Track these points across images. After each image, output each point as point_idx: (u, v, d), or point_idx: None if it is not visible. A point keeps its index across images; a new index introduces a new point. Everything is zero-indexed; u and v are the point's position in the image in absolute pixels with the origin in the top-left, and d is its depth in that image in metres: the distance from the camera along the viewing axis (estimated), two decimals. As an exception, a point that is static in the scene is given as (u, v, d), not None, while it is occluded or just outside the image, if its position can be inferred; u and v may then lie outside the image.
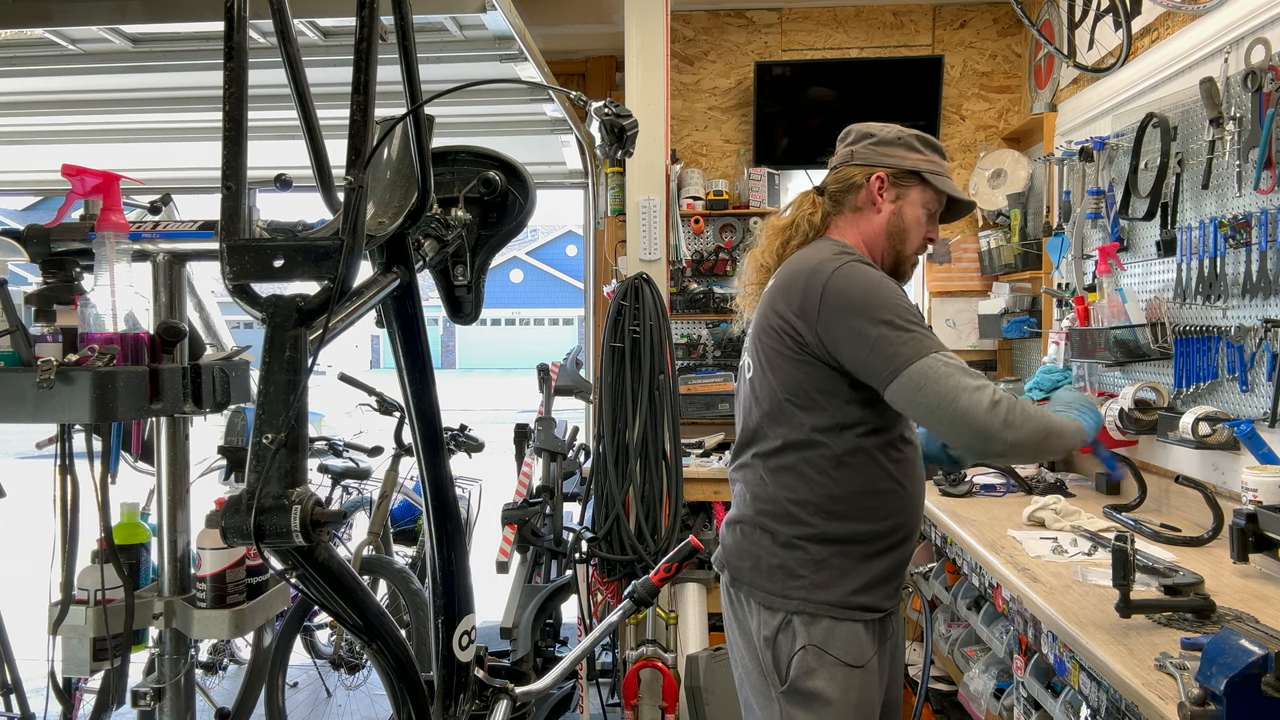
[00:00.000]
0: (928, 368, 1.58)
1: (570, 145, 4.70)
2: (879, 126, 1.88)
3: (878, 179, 1.84)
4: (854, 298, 1.66)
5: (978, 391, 1.56)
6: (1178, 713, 1.34)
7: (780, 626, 1.74)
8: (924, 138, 1.87)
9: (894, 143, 1.85)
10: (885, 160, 1.84)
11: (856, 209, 1.86)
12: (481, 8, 2.79)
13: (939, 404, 1.57)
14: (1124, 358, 2.89)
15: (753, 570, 1.79)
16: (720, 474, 3.90)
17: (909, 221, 1.84)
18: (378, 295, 1.28)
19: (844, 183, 1.87)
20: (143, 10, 2.96)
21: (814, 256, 1.77)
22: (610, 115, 1.66)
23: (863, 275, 1.69)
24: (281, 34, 1.17)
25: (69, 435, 1.51)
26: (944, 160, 1.88)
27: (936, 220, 1.90)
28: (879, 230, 1.85)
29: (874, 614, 1.77)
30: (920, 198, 1.84)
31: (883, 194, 1.84)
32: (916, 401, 1.60)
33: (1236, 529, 2.11)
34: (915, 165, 1.83)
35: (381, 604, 1.28)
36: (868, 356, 1.63)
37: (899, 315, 1.63)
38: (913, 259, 1.89)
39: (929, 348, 1.60)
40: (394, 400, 3.60)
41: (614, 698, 3.48)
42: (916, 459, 1.85)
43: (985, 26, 4.46)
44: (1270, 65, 2.31)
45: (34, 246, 1.56)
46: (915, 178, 1.84)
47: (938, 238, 1.94)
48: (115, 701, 1.74)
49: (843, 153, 1.91)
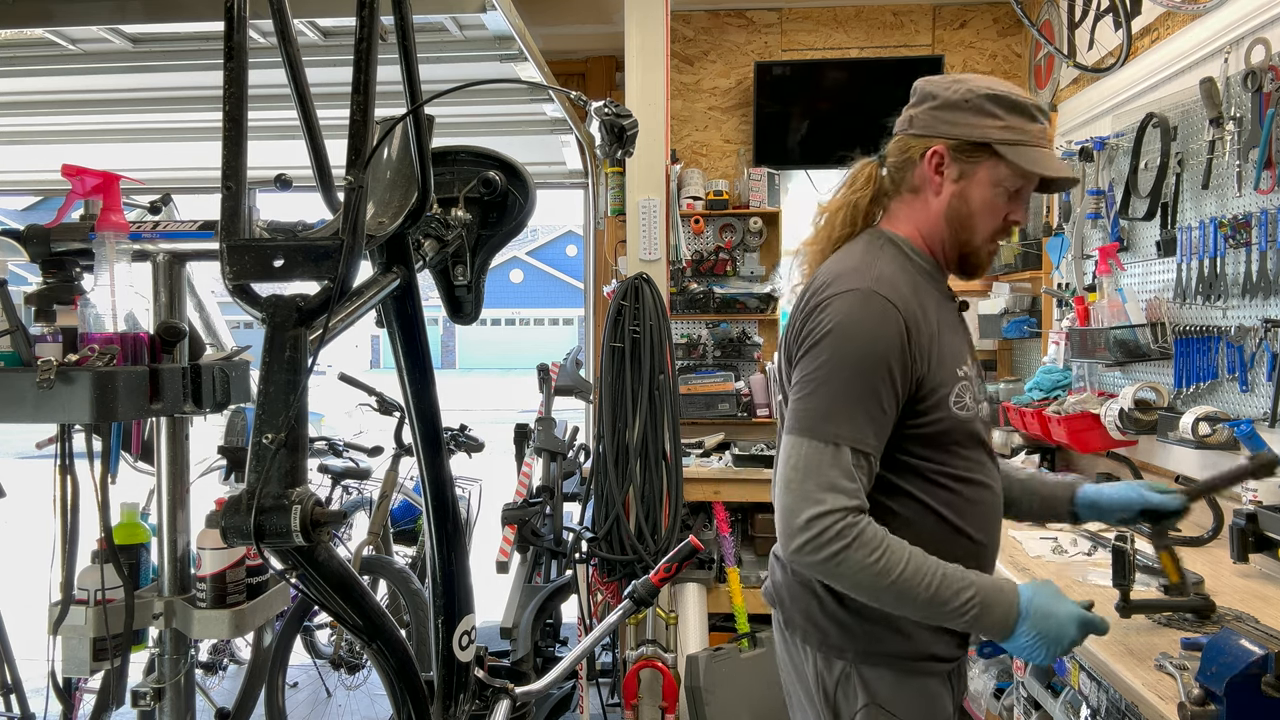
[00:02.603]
0: (800, 448, 1.36)
1: (570, 145, 4.70)
2: (946, 83, 1.51)
3: (935, 154, 1.49)
4: (819, 335, 1.40)
5: (809, 504, 1.33)
6: (1178, 713, 1.34)
7: (839, 679, 1.48)
8: (1002, 96, 1.47)
9: (960, 106, 1.47)
10: (947, 129, 1.49)
11: (914, 189, 1.54)
12: (481, 8, 2.79)
13: (777, 482, 1.40)
14: (1124, 358, 2.89)
15: (805, 616, 1.53)
16: (720, 474, 3.91)
17: (976, 205, 1.49)
18: (378, 295, 1.28)
19: (901, 155, 1.55)
20: (143, 10, 2.96)
21: (834, 268, 1.49)
22: (610, 115, 1.67)
23: (851, 313, 1.40)
24: (281, 34, 1.17)
25: (69, 435, 1.51)
26: (1032, 123, 1.48)
27: (1024, 199, 1.53)
28: (938, 216, 1.52)
29: (946, 664, 1.50)
30: (991, 175, 1.48)
31: (941, 172, 1.50)
32: (776, 467, 1.42)
33: (1236, 529, 2.11)
34: (985, 135, 1.46)
35: (381, 604, 1.28)
36: (792, 399, 1.42)
37: (847, 378, 1.37)
38: (986, 248, 1.55)
39: (824, 434, 1.35)
40: (394, 400, 3.60)
41: (614, 698, 3.48)
42: (989, 501, 1.52)
43: (985, 26, 4.46)
44: (1270, 65, 2.31)
45: (34, 246, 1.56)
46: (985, 150, 1.47)
47: (1025, 220, 1.58)
48: (115, 701, 1.74)
49: (902, 117, 1.57)
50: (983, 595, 1.34)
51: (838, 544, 1.31)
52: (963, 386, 1.47)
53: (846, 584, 1.37)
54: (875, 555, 1.32)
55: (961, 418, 1.46)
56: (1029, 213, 1.53)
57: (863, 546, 1.32)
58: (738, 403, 4.30)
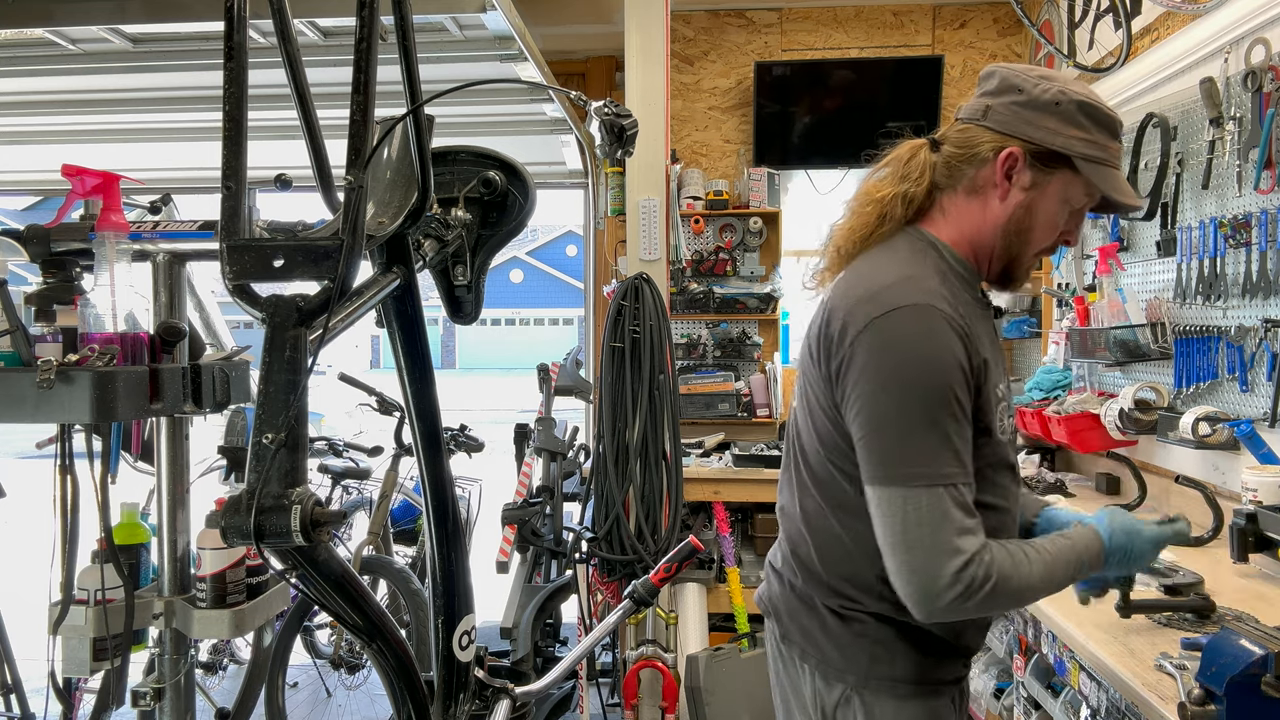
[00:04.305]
0: (912, 500, 1.24)
1: (570, 145, 4.70)
2: (1035, 78, 1.36)
3: (1009, 156, 1.35)
4: (888, 366, 1.28)
5: (949, 556, 1.22)
6: (1178, 713, 1.34)
7: (839, 702, 1.41)
8: (1093, 106, 1.35)
9: (1048, 108, 1.34)
10: (1029, 131, 1.34)
11: (974, 190, 1.39)
12: (481, 8, 2.79)
13: (897, 543, 1.26)
14: (1124, 358, 2.89)
15: (803, 634, 1.47)
16: (720, 474, 3.91)
17: (1040, 218, 1.38)
18: (378, 295, 1.28)
19: (966, 148, 1.39)
20: (143, 10, 2.96)
21: (879, 275, 1.36)
22: (610, 115, 1.67)
23: (909, 335, 1.28)
24: (281, 34, 1.17)
25: (69, 435, 1.51)
26: (1115, 142, 1.37)
27: (1082, 217, 1.43)
28: (995, 224, 1.39)
29: (951, 685, 1.43)
30: (1063, 190, 1.37)
31: (1013, 177, 1.36)
32: (881, 524, 1.28)
33: (1236, 529, 2.11)
34: (1067, 146, 1.34)
35: (381, 604, 1.28)
36: (862, 438, 1.31)
37: (925, 407, 1.25)
38: (1031, 261, 1.44)
39: (930, 476, 1.24)
40: (394, 400, 3.60)
41: (614, 698, 3.48)
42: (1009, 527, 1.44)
43: (985, 26, 4.46)
44: (1270, 65, 2.31)
45: (34, 246, 1.56)
46: (1064, 161, 1.35)
47: (1077, 240, 1.46)
48: (115, 701, 1.74)
49: (975, 104, 1.41)
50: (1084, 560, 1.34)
51: (988, 585, 1.23)
52: (1003, 409, 1.39)
53: (995, 611, 1.32)
54: (1015, 581, 1.26)
55: (1001, 443, 1.38)
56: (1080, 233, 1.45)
57: (1004, 578, 1.25)
58: (738, 403, 4.30)
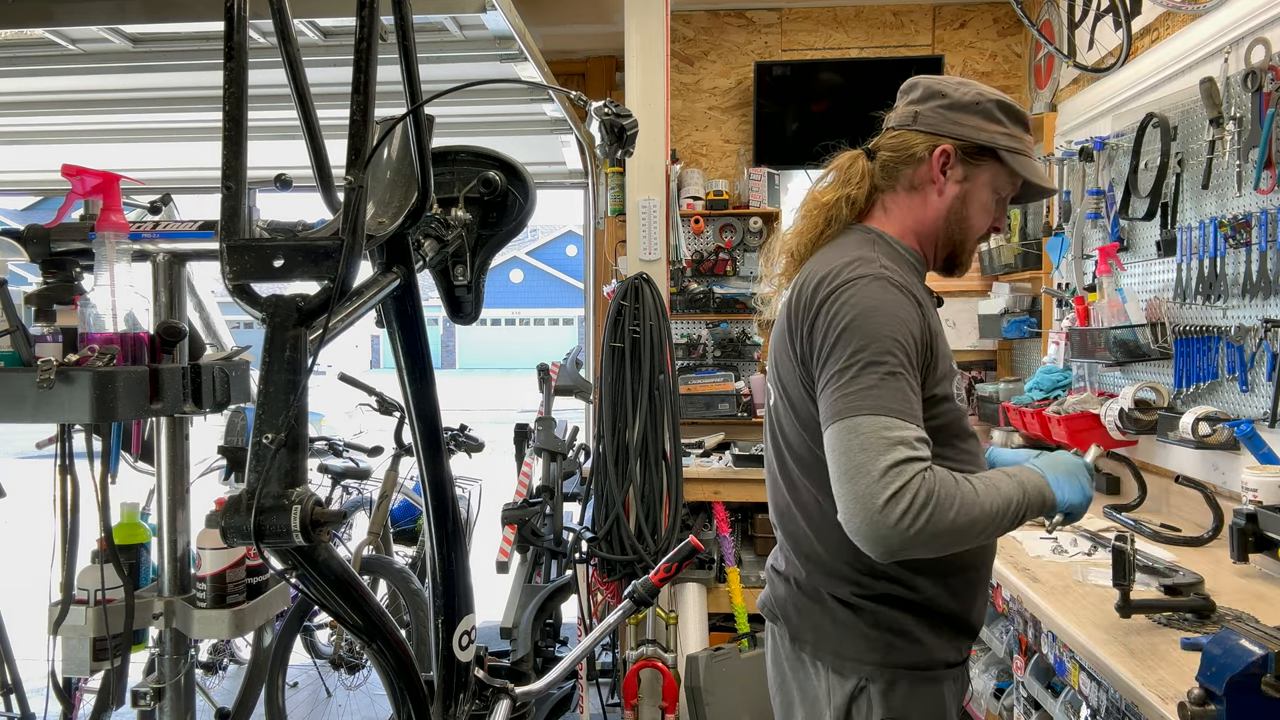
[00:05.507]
0: (854, 428, 1.28)
1: (570, 145, 4.70)
2: (954, 84, 1.55)
3: (943, 153, 1.52)
4: (844, 322, 1.37)
5: (891, 479, 1.24)
6: (1178, 713, 1.34)
7: (853, 694, 1.46)
8: (1007, 104, 1.54)
9: (970, 108, 1.52)
10: (956, 130, 1.51)
11: (912, 187, 1.55)
12: (481, 8, 2.79)
13: (840, 476, 1.29)
14: (1124, 358, 2.89)
15: (815, 630, 1.52)
16: (720, 474, 3.91)
17: (974, 207, 1.54)
18: (378, 295, 1.28)
19: (901, 151, 1.55)
20: (143, 10, 2.96)
21: (834, 260, 1.47)
22: (610, 115, 1.66)
23: (864, 296, 1.38)
24: (281, 34, 1.17)
25: (69, 435, 1.51)
26: (1027, 134, 1.56)
27: (1006, 206, 1.59)
28: (936, 216, 1.55)
29: (956, 666, 1.52)
30: (991, 179, 1.54)
31: (947, 172, 1.52)
32: (831, 463, 1.32)
33: (1236, 529, 2.11)
34: (992, 140, 1.51)
35: (381, 604, 1.28)
36: (821, 390, 1.37)
37: (876, 354, 1.33)
38: (973, 248, 1.60)
39: (873, 408, 1.29)
40: (394, 400, 3.60)
41: (614, 698, 3.48)
42: None
43: (985, 26, 4.46)
44: (1270, 65, 2.31)
45: (34, 246, 1.56)
46: (989, 154, 1.52)
47: (1004, 226, 1.62)
48: (115, 701, 1.74)
49: (904, 111, 1.57)
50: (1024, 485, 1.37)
51: (931, 505, 1.24)
52: (958, 380, 1.50)
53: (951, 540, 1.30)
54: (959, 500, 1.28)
55: (961, 409, 1.49)
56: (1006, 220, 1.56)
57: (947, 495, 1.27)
58: (738, 403, 4.30)
